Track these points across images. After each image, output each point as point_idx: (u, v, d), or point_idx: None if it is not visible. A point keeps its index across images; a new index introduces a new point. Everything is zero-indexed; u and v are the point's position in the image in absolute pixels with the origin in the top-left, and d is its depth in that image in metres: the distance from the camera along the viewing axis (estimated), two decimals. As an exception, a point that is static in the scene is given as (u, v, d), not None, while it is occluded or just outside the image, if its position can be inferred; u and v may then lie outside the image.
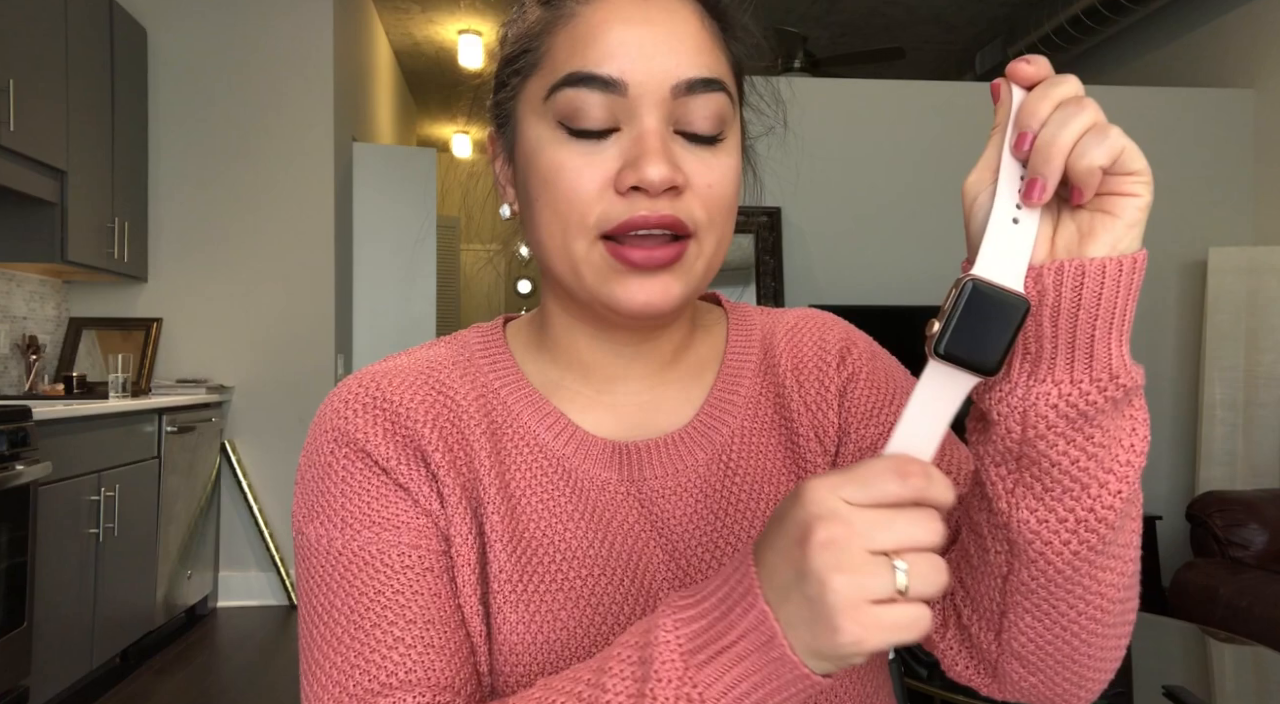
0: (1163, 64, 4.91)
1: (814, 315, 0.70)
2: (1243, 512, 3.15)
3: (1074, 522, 0.46)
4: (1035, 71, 0.45)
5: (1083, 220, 0.45)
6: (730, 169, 0.58)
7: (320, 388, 4.03)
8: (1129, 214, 0.44)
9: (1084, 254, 0.44)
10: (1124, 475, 0.46)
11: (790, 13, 5.16)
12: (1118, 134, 0.43)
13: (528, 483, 0.61)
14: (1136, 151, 0.43)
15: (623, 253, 0.55)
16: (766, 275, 4.04)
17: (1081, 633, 0.50)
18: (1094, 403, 0.44)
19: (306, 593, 0.58)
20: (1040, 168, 0.43)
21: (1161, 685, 1.82)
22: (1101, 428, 0.45)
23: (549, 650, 0.57)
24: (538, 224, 0.58)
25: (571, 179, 0.55)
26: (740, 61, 0.62)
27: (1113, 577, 0.48)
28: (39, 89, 3.03)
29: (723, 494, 0.62)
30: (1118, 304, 0.44)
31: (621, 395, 0.65)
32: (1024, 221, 0.44)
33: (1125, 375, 0.44)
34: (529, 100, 0.59)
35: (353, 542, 0.56)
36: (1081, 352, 0.44)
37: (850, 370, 0.66)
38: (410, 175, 4.52)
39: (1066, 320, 0.44)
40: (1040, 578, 0.48)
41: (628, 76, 0.55)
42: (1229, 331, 3.94)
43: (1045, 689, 0.53)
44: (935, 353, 0.44)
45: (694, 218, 0.56)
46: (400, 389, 0.61)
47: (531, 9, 0.61)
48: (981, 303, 0.43)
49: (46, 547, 2.56)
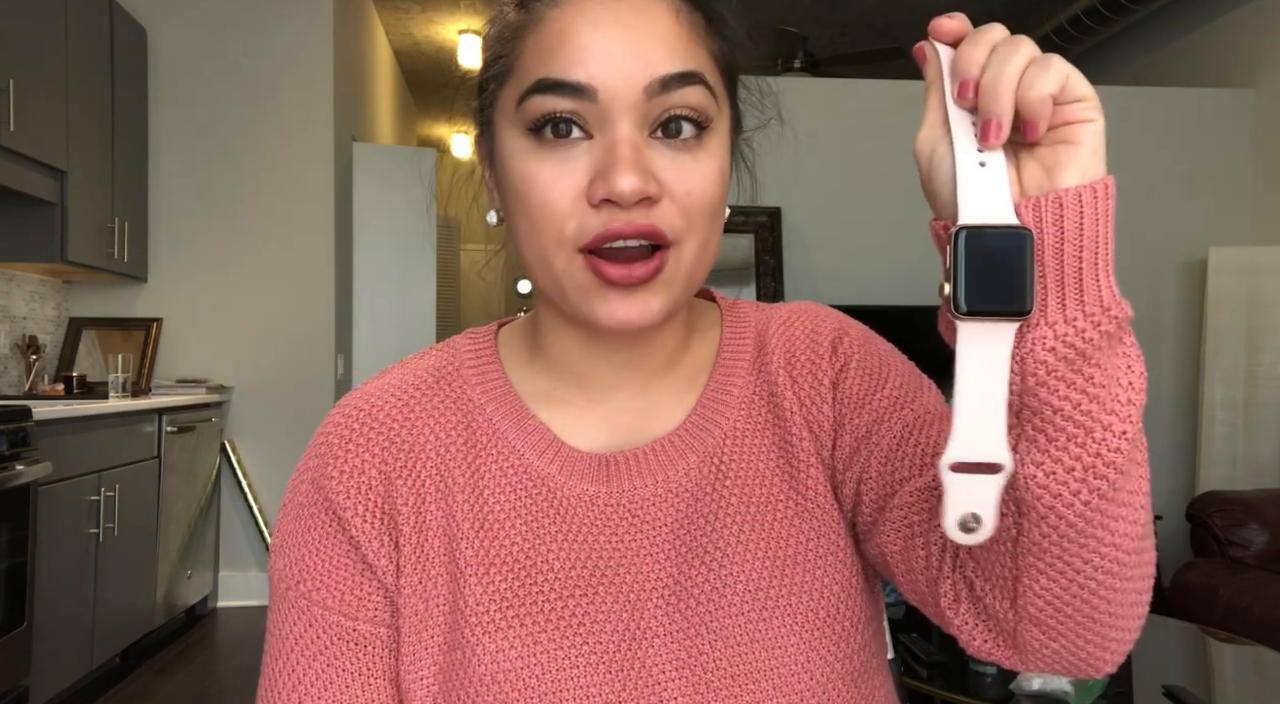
0: (1163, 64, 4.91)
1: (807, 308, 0.68)
2: (1243, 512, 3.15)
3: (1082, 469, 0.44)
4: (958, 26, 0.46)
5: (1044, 156, 0.44)
6: (711, 171, 0.56)
7: (320, 388, 4.04)
8: (1089, 139, 0.43)
9: (1055, 186, 0.43)
10: (1126, 415, 0.44)
11: (790, 13, 5.16)
12: (1060, 62, 0.43)
13: (509, 506, 0.61)
14: (1080, 78, 0.43)
15: (601, 268, 0.54)
16: (766, 275, 4.04)
17: (1100, 589, 0.48)
18: (1090, 340, 0.43)
19: (270, 616, 0.63)
20: (991, 107, 0.43)
21: (1161, 685, 1.82)
22: (1100, 366, 0.44)
23: (531, 675, 0.57)
24: (518, 235, 0.58)
25: (543, 191, 0.54)
26: (728, 57, 0.60)
27: (1125, 526, 0.47)
28: (39, 89, 3.03)
29: (713, 497, 0.61)
30: (1099, 232, 0.43)
31: (615, 403, 0.64)
32: (991, 162, 0.43)
33: (1116, 307, 0.43)
34: (503, 108, 0.58)
35: (303, 598, 0.60)
36: (1072, 287, 0.43)
37: (843, 360, 0.64)
38: (410, 175, 4.51)
39: (1053, 256, 0.43)
40: (1052, 535, 0.46)
41: (596, 81, 0.53)
42: (1229, 331, 3.94)
43: (1068, 654, 0.51)
44: (958, 312, 0.42)
45: (673, 226, 0.54)
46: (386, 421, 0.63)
47: (508, 12, 0.59)
48: (982, 246, 0.42)
49: (46, 547, 2.56)
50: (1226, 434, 3.93)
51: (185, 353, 3.98)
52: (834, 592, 0.60)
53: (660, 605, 0.59)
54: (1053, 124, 0.43)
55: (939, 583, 0.54)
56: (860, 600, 0.61)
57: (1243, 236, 4.29)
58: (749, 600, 0.59)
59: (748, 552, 0.60)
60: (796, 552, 0.60)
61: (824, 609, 0.60)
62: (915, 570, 0.56)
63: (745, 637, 0.58)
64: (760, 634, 0.58)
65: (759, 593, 0.59)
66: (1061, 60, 0.43)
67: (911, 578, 0.57)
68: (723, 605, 0.59)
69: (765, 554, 0.60)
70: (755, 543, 0.60)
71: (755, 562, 0.60)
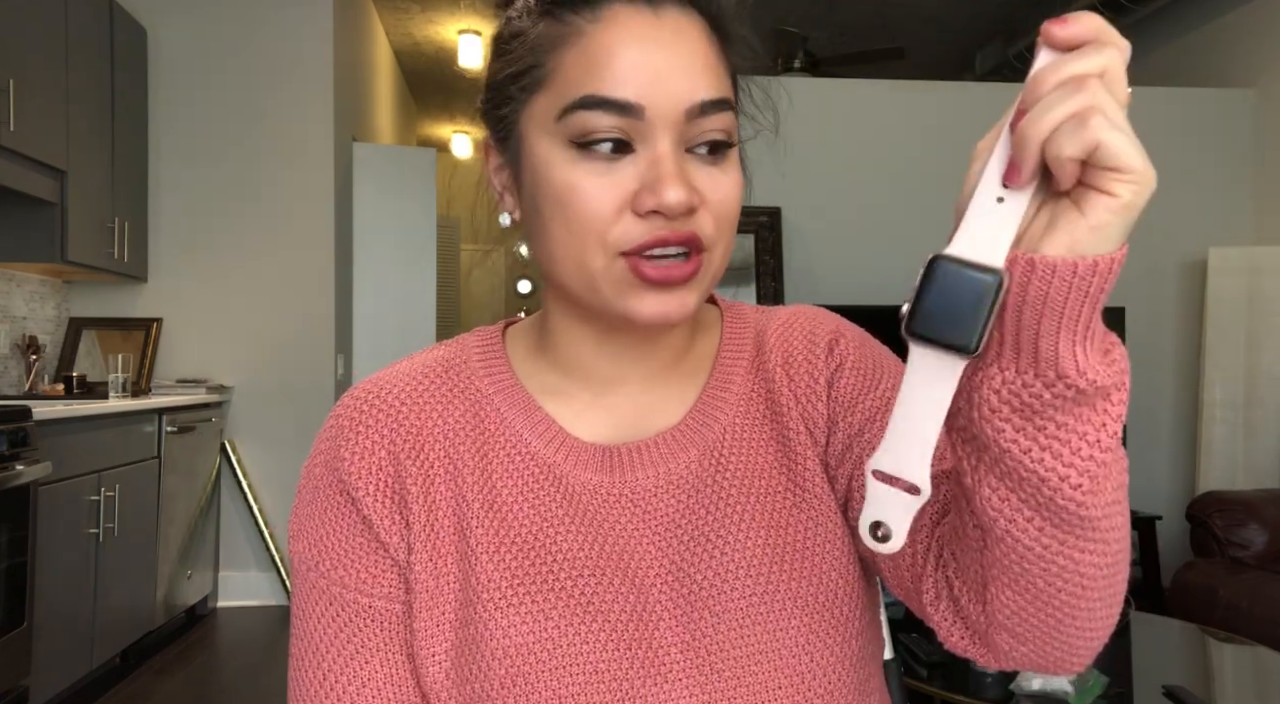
0: (1163, 64, 4.91)
1: (805, 310, 0.71)
2: (1243, 512, 3.15)
3: (1034, 506, 0.45)
4: (1067, 34, 0.41)
5: (1057, 210, 0.42)
6: (736, 182, 0.60)
7: (320, 388, 4.04)
8: (1096, 214, 0.40)
9: (1041, 249, 0.41)
10: (1085, 470, 0.44)
11: (790, 13, 5.16)
12: (1100, 125, 0.39)
13: (518, 490, 0.63)
14: (1125, 148, 0.39)
15: (641, 269, 0.57)
16: (766, 275, 4.04)
17: (1064, 607, 0.49)
18: (1039, 396, 0.43)
19: (293, 598, 0.66)
20: (1018, 151, 0.41)
21: (1161, 685, 1.82)
22: (1054, 421, 0.43)
23: (543, 650, 0.59)
24: (549, 239, 0.59)
25: (587, 200, 0.56)
26: (737, 70, 0.63)
27: (1093, 557, 0.47)
28: (39, 89, 3.03)
29: (713, 489, 0.64)
30: (1068, 306, 0.41)
31: (620, 397, 0.66)
32: (1009, 201, 0.42)
33: (1077, 376, 0.42)
34: (537, 117, 0.59)
35: (323, 577, 0.63)
36: (1026, 346, 0.42)
37: (838, 360, 0.67)
38: (410, 175, 4.52)
39: (1012, 313, 0.42)
40: (1011, 555, 0.47)
41: (645, 100, 0.55)
42: (1229, 331, 3.94)
43: (1036, 658, 0.54)
44: (907, 332, 0.43)
45: (707, 233, 0.58)
46: (395, 405, 0.65)
47: (532, 20, 0.60)
48: (947, 279, 0.41)
49: (46, 547, 2.56)
50: (1226, 434, 3.93)
51: (185, 353, 3.98)
52: (832, 579, 0.62)
53: (665, 590, 0.61)
54: (1081, 182, 0.41)
55: (922, 580, 0.57)
56: (858, 588, 0.64)
57: (1243, 236, 4.29)
58: (750, 585, 0.61)
59: (748, 539, 0.62)
60: (795, 540, 0.63)
61: (823, 594, 0.62)
62: (901, 566, 0.59)
63: (748, 619, 0.60)
64: (762, 617, 0.61)
65: (760, 578, 0.61)
66: (1104, 124, 0.39)
67: (897, 573, 0.60)
68: (725, 590, 0.61)
69: (765, 542, 0.62)
70: (755, 531, 0.63)
71: (755, 549, 0.62)
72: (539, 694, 0.58)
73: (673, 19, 0.57)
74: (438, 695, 0.61)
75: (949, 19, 5.46)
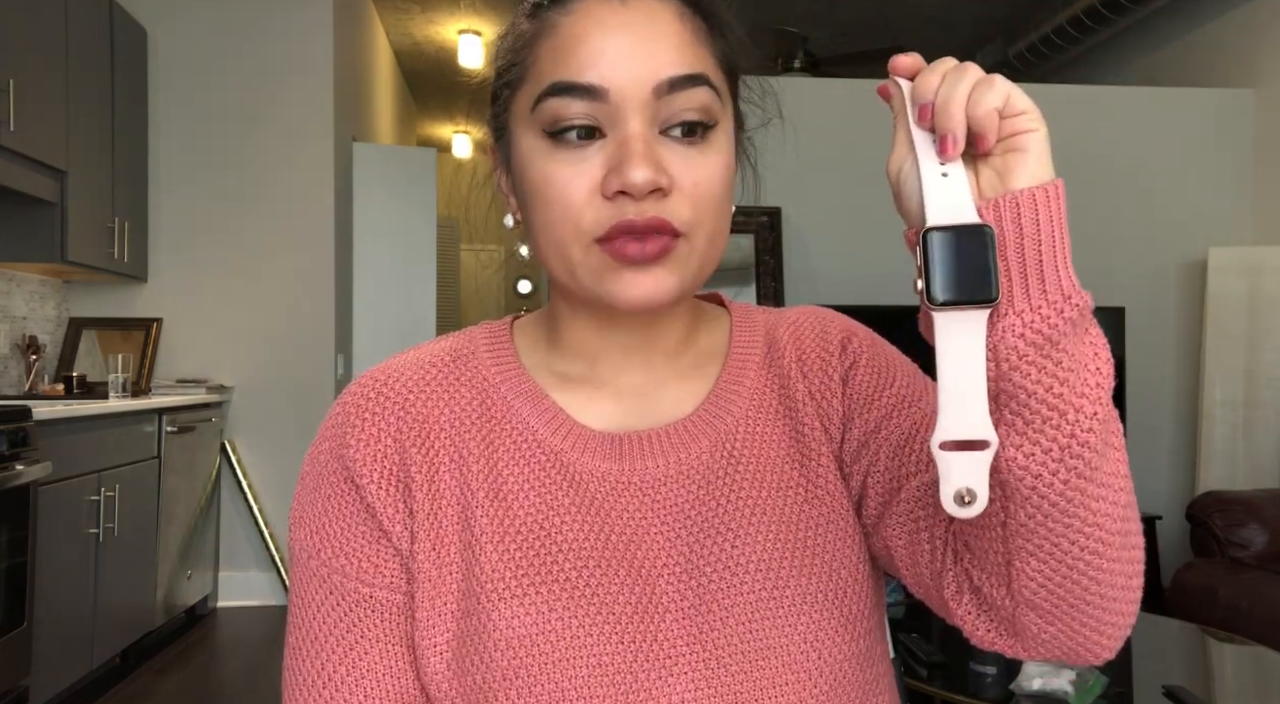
0: (1163, 64, 4.91)
1: (815, 311, 0.72)
2: (1243, 512, 3.15)
3: (1059, 450, 0.48)
4: (913, 62, 0.51)
5: (997, 164, 0.49)
6: (718, 166, 0.59)
7: (320, 387, 4.04)
8: (1034, 146, 0.48)
9: (1009, 188, 0.48)
10: (1096, 397, 0.48)
11: (790, 13, 5.16)
12: (1002, 81, 0.48)
13: (523, 477, 0.63)
14: (1021, 94, 0.48)
15: (616, 249, 0.57)
16: (766, 275, 4.04)
17: (1088, 569, 0.50)
18: (1056, 326, 0.47)
19: (292, 586, 0.65)
20: (945, 124, 0.48)
21: (1161, 685, 1.82)
22: (1067, 352, 0.47)
23: (545, 641, 0.58)
24: (536, 232, 0.61)
25: (560, 188, 0.57)
26: (730, 59, 0.63)
27: (1106, 506, 0.50)
28: (39, 89, 3.03)
29: (725, 481, 0.63)
30: (1054, 227, 0.47)
31: (626, 386, 0.66)
32: (952, 173, 0.48)
33: (1077, 295, 0.48)
34: (518, 113, 0.61)
35: (324, 566, 0.62)
36: (1034, 278, 0.47)
37: (852, 358, 0.68)
38: (410, 175, 4.52)
39: (1014, 251, 0.47)
40: (1037, 515, 0.49)
41: (608, 82, 0.56)
42: (1229, 331, 3.94)
43: (1066, 638, 0.54)
44: (932, 303, 0.46)
45: (681, 218, 0.57)
46: (403, 393, 0.65)
47: (520, 22, 0.62)
48: (949, 242, 0.46)
49: (46, 547, 2.55)
50: (1226, 434, 3.93)
51: (185, 353, 3.98)
52: (842, 575, 0.62)
53: (672, 582, 0.61)
54: (1001, 135, 0.48)
55: (943, 576, 0.57)
56: (867, 586, 0.64)
57: (1243, 236, 4.29)
58: (759, 579, 0.61)
59: (759, 532, 0.62)
60: (806, 535, 0.63)
61: (833, 591, 0.62)
62: (920, 564, 0.59)
63: (756, 614, 0.60)
64: (770, 612, 0.60)
65: (769, 572, 0.61)
66: (1004, 80, 0.48)
67: (916, 572, 0.60)
68: (734, 583, 0.61)
69: (776, 535, 0.62)
70: (766, 524, 0.63)
71: (766, 542, 0.62)
72: (541, 686, 0.57)
73: (644, 5, 0.58)
74: (438, 687, 0.60)
75: (949, 19, 5.46)
